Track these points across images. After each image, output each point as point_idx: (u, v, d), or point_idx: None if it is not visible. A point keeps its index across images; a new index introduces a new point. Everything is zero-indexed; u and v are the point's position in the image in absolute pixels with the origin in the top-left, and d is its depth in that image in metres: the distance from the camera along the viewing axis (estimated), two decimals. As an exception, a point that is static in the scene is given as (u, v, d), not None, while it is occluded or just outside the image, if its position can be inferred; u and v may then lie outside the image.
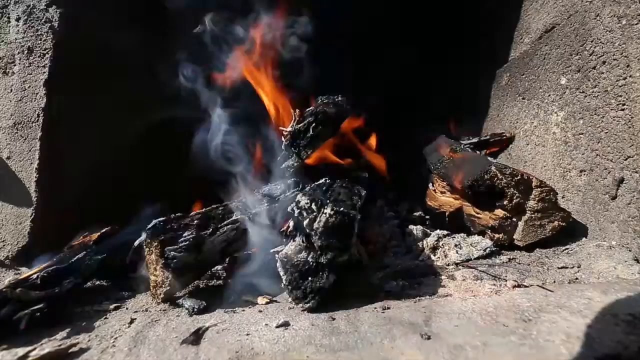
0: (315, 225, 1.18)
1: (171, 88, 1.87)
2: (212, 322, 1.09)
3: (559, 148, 1.73)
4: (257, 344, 0.95)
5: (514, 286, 1.21)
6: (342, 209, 1.21)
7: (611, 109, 1.42)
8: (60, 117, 1.79)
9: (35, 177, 1.72)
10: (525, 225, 1.55)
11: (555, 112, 1.76)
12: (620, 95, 1.37)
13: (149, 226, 1.29)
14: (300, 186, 1.62)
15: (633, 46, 1.31)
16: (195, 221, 1.33)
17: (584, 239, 1.54)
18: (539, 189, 1.53)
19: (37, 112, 1.75)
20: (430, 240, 1.65)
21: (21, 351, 0.99)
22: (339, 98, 1.95)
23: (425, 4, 2.58)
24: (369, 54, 2.82)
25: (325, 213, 1.19)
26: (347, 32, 2.53)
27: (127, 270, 1.44)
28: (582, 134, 1.58)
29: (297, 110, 1.78)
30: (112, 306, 1.27)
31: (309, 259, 1.18)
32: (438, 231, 1.72)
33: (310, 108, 1.81)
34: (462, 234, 1.70)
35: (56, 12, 1.77)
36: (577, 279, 1.26)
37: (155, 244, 1.25)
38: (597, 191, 1.50)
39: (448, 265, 1.50)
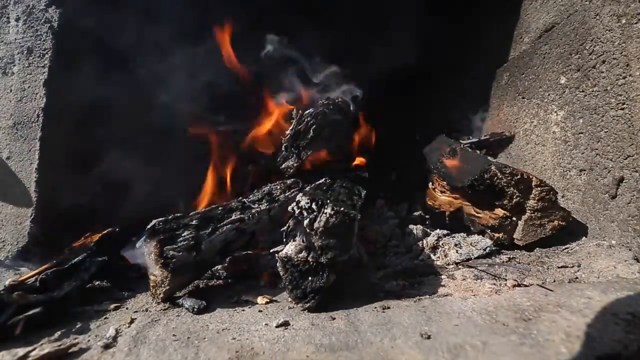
0: (316, 225, 1.18)
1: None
2: (212, 322, 1.09)
3: (558, 147, 1.72)
4: (257, 344, 0.95)
5: (514, 285, 1.21)
6: (342, 208, 1.21)
7: (611, 108, 1.42)
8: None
9: (35, 177, 1.71)
10: (525, 225, 1.55)
11: (555, 111, 1.75)
12: (620, 95, 1.37)
13: (149, 226, 1.29)
14: (300, 186, 1.62)
15: (633, 45, 1.31)
16: (195, 221, 1.33)
17: (583, 238, 1.54)
18: (538, 188, 1.53)
19: (36, 112, 1.75)
20: (430, 240, 1.65)
21: (21, 351, 0.99)
22: (339, 99, 1.95)
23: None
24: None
25: (326, 213, 1.19)
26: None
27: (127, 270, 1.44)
28: (581, 133, 1.58)
29: (298, 112, 1.78)
30: (112, 306, 1.27)
31: (309, 258, 1.18)
32: (438, 231, 1.72)
33: (311, 109, 1.81)
34: (462, 234, 1.70)
35: (56, 12, 1.77)
36: (577, 278, 1.26)
37: (154, 243, 1.25)
38: (597, 190, 1.50)
39: (448, 264, 1.50)
